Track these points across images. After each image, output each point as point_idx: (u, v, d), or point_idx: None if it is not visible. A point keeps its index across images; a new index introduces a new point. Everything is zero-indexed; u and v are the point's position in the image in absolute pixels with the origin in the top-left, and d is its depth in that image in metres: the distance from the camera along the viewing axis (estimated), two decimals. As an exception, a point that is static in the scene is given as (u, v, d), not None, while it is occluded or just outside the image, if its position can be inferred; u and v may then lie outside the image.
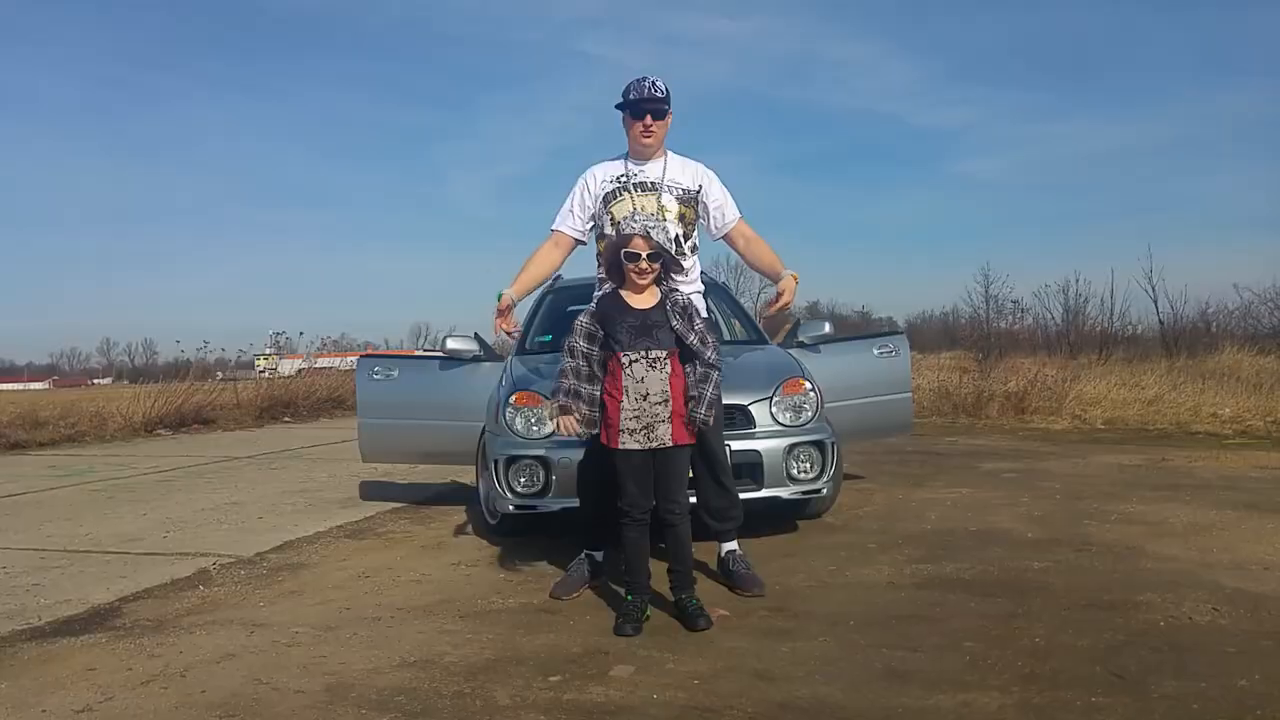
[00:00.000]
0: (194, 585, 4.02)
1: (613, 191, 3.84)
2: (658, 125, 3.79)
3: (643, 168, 3.85)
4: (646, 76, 3.78)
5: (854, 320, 42.00)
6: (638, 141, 3.81)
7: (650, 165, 3.85)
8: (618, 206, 3.79)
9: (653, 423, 3.20)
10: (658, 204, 3.78)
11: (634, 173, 3.84)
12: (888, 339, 5.76)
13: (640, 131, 3.78)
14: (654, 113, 3.76)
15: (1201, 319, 20.86)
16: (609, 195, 3.84)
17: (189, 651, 3.09)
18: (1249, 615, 3.11)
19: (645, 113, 3.75)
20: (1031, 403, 10.78)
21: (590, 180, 3.92)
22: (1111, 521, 4.72)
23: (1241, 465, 6.67)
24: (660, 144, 3.85)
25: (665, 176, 3.84)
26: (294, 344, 19.73)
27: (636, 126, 3.78)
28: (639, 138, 3.80)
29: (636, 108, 3.75)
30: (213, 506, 6.14)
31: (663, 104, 3.77)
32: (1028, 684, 2.56)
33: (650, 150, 3.83)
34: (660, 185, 3.82)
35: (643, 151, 3.84)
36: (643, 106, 3.75)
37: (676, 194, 3.84)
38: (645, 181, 3.83)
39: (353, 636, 3.21)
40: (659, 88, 3.75)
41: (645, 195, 3.81)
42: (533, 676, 2.75)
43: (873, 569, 3.90)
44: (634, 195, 3.80)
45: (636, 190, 3.81)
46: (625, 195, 3.81)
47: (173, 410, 12.84)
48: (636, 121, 3.77)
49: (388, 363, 5.63)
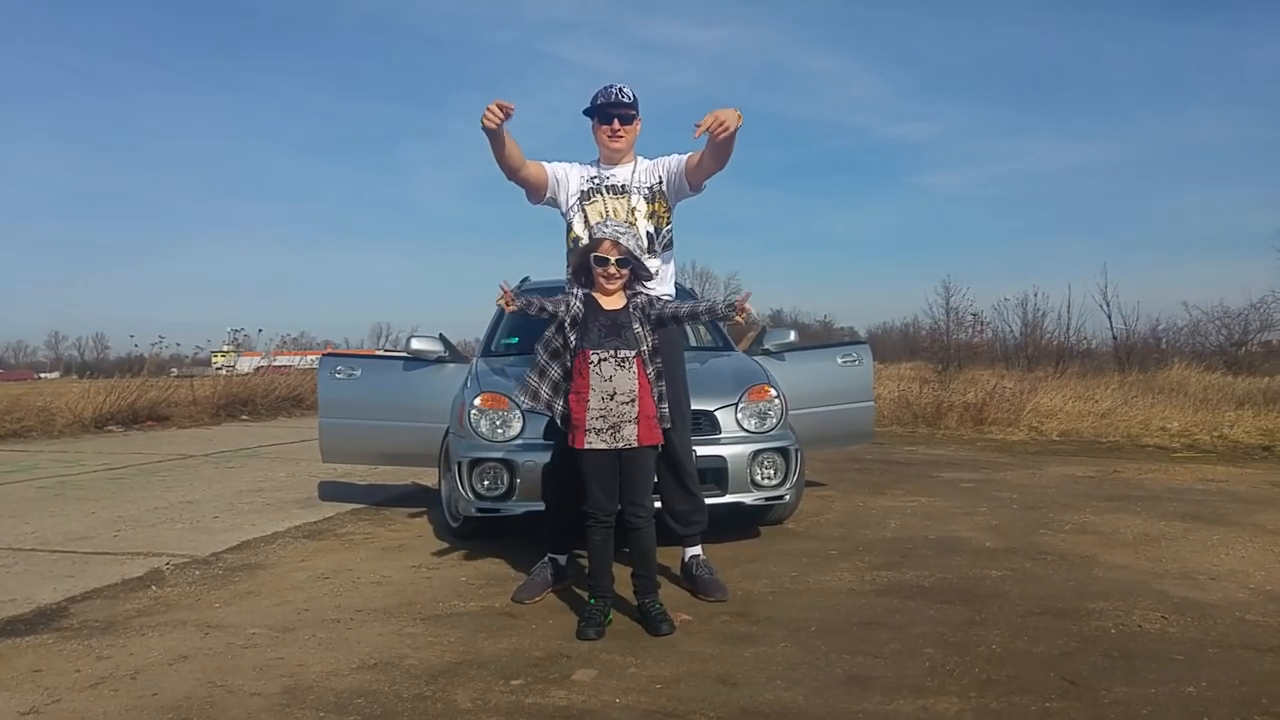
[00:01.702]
0: (146, 585, 3.94)
1: (588, 191, 3.84)
2: (626, 130, 3.81)
3: (613, 171, 3.86)
4: (614, 83, 3.81)
5: (816, 329, 42.37)
6: (606, 146, 3.83)
7: (620, 169, 3.86)
8: (591, 207, 3.81)
9: (619, 422, 3.21)
10: (628, 206, 3.80)
11: (606, 176, 3.86)
12: (851, 348, 5.81)
13: (609, 135, 3.80)
14: (621, 117, 3.79)
15: (1153, 335, 21.40)
16: (585, 194, 3.84)
17: (140, 653, 3.03)
18: (1196, 624, 3.19)
19: (612, 117, 3.78)
20: (989, 414, 10.95)
21: (574, 167, 3.91)
22: (1066, 531, 4.81)
23: (1188, 478, 6.83)
24: (629, 149, 3.87)
25: (633, 179, 3.86)
26: (253, 341, 19.43)
27: (604, 131, 3.80)
28: (607, 142, 3.81)
29: (604, 112, 3.78)
30: (166, 505, 6.02)
31: (630, 109, 3.80)
32: (985, 690, 2.60)
33: (619, 155, 3.85)
34: (629, 188, 3.84)
35: (612, 156, 3.85)
36: (609, 111, 3.77)
37: (644, 193, 3.86)
38: (616, 184, 3.84)
39: (311, 638, 3.16)
40: (626, 93, 3.78)
41: (617, 198, 3.82)
42: (494, 680, 2.74)
43: (834, 575, 3.94)
44: (606, 198, 3.82)
45: (608, 193, 3.83)
46: (599, 197, 3.83)
47: (125, 406, 12.55)
48: (604, 126, 3.79)
49: (350, 362, 5.57)
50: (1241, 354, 20.01)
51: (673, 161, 3.87)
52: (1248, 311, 20.50)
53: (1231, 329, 20.67)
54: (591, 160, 3.93)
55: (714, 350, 5.50)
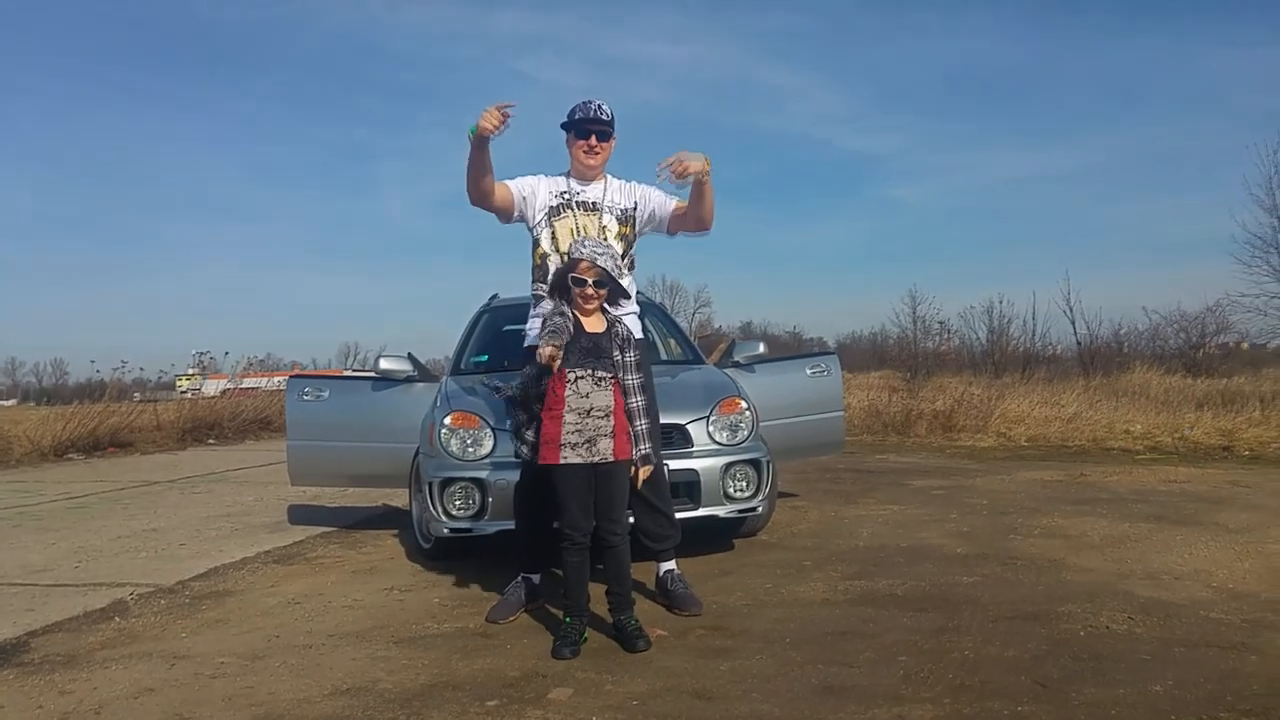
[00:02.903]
0: (109, 617, 3.86)
1: (557, 207, 3.83)
2: (602, 146, 3.81)
3: (585, 188, 3.86)
4: (591, 99, 3.80)
5: (786, 340, 42.59)
6: (581, 162, 3.82)
7: (592, 186, 3.86)
8: (561, 224, 3.80)
9: (595, 436, 3.20)
10: (599, 225, 3.80)
11: (576, 191, 3.85)
12: (820, 359, 5.85)
13: (584, 151, 3.79)
14: (598, 134, 3.79)
15: (1115, 340, 21.80)
16: (554, 210, 3.83)
17: (104, 687, 2.96)
18: (1161, 623, 3.24)
19: (590, 133, 3.78)
20: (958, 421, 11.07)
21: (541, 181, 3.87)
22: (1035, 536, 4.86)
23: (1151, 480, 6.94)
24: (603, 166, 3.87)
25: (605, 198, 3.87)
26: (219, 364, 19.18)
27: (580, 146, 3.79)
28: (583, 158, 3.80)
29: (581, 128, 3.78)
30: (130, 534, 5.91)
31: (607, 126, 3.80)
32: (958, 695, 2.62)
33: (594, 171, 3.85)
34: (601, 206, 3.84)
35: (586, 172, 3.85)
36: (587, 127, 3.77)
37: (616, 214, 3.87)
38: (588, 201, 3.84)
39: (281, 665, 3.12)
40: (604, 110, 3.79)
41: (588, 215, 3.82)
42: (469, 702, 2.71)
43: (808, 586, 3.95)
44: (577, 214, 3.81)
45: (579, 209, 3.82)
46: (569, 213, 3.81)
47: (86, 433, 12.34)
48: (581, 141, 3.79)
49: (318, 383, 5.52)
50: (1200, 356, 20.41)
51: (655, 198, 3.89)
52: (1204, 315, 20.95)
53: (1190, 332, 21.11)
54: (561, 172, 3.92)
55: (684, 364, 5.51)
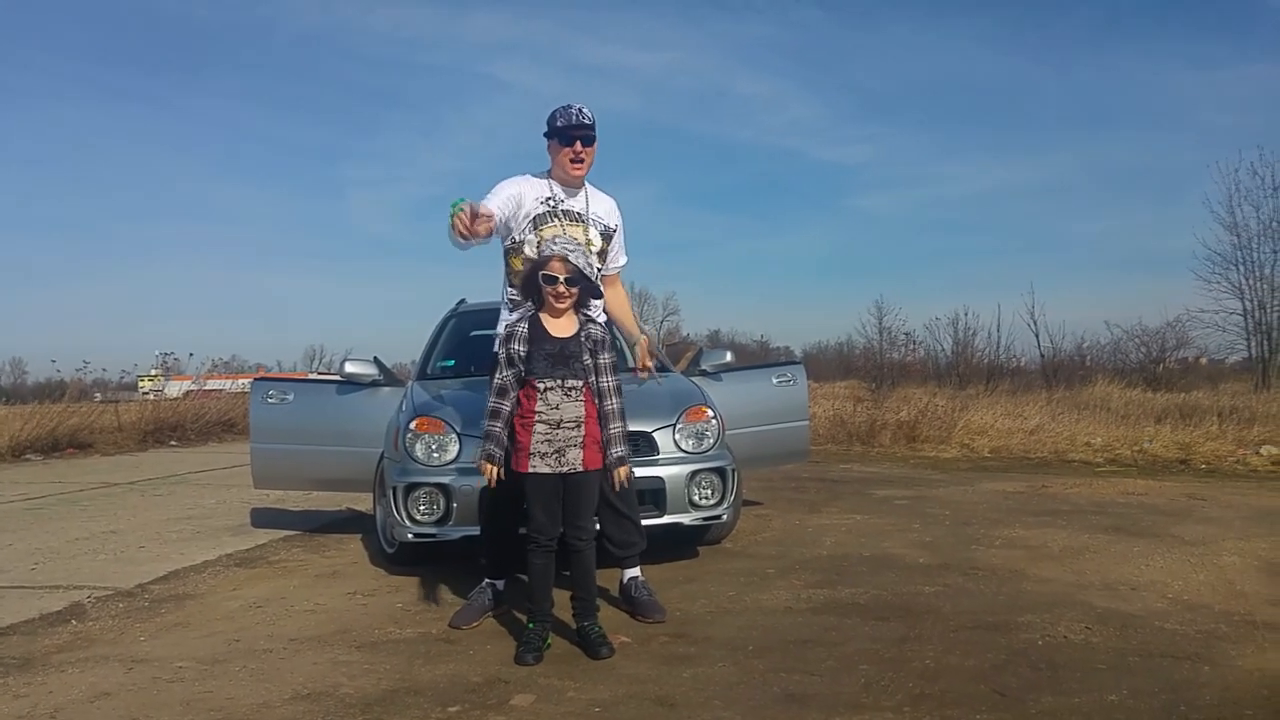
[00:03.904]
0: (66, 620, 3.80)
1: (543, 215, 3.76)
2: (587, 152, 3.73)
3: (569, 196, 3.80)
4: (572, 104, 3.72)
5: (753, 349, 42.74)
6: (566, 170, 3.74)
7: (576, 196, 3.81)
8: (547, 231, 3.73)
9: (564, 447, 3.20)
10: (585, 236, 3.76)
11: (560, 199, 3.80)
12: (786, 368, 5.89)
13: (570, 158, 3.71)
14: (583, 139, 3.71)
15: (1078, 353, 22.11)
16: (539, 218, 3.75)
17: (59, 691, 2.92)
18: (1118, 634, 3.30)
19: (575, 139, 3.69)
20: (922, 431, 11.17)
21: (524, 187, 3.77)
22: (996, 546, 4.93)
23: (1111, 492, 7.06)
24: (587, 172, 3.80)
25: (590, 209, 3.84)
26: (183, 365, 18.92)
27: (566, 154, 3.70)
28: (569, 166, 3.72)
29: (565, 135, 3.69)
30: (88, 536, 5.82)
31: (591, 130, 3.72)
32: (919, 704, 2.65)
33: (580, 178, 3.78)
34: (586, 217, 3.81)
35: (571, 180, 3.78)
36: (572, 133, 3.68)
37: (600, 229, 3.84)
38: (573, 211, 3.79)
39: (241, 670, 3.09)
40: (585, 114, 3.70)
41: (574, 225, 3.77)
42: (431, 707, 2.70)
43: (771, 594, 3.98)
44: (563, 223, 3.75)
45: (564, 218, 3.77)
46: (555, 221, 3.75)
47: (45, 433, 12.11)
48: (566, 148, 3.70)
49: (283, 386, 5.46)
50: (1160, 371, 20.75)
51: (617, 241, 3.96)
52: (1165, 330, 21.34)
53: (1150, 347, 21.47)
54: (541, 172, 3.84)
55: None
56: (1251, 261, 20.02)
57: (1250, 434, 9.91)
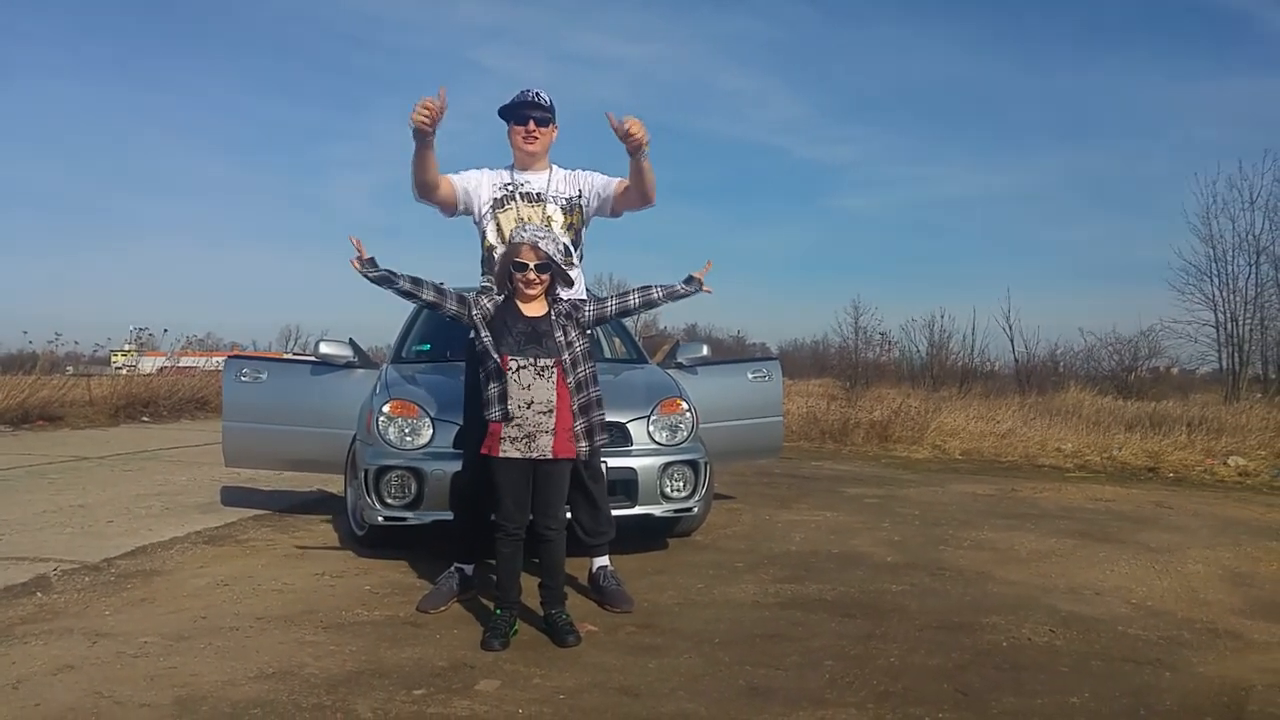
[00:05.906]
0: (30, 592, 3.76)
1: (501, 199, 3.79)
2: (541, 132, 3.77)
3: (529, 178, 3.82)
4: (530, 88, 3.77)
5: (729, 345, 42.79)
6: (520, 148, 3.79)
7: (535, 176, 3.83)
8: (504, 215, 3.76)
9: (535, 432, 3.20)
10: (543, 215, 3.78)
11: (520, 182, 3.82)
12: (761, 364, 5.91)
13: (523, 137, 3.75)
14: (537, 119, 3.75)
15: (1051, 359, 22.34)
16: (498, 202, 3.79)
17: (22, 662, 2.89)
18: (1081, 637, 3.34)
19: (528, 118, 3.74)
20: (895, 432, 11.24)
21: (485, 174, 3.84)
22: (964, 548, 4.98)
23: (1079, 497, 7.14)
24: (544, 152, 3.82)
25: (550, 188, 3.84)
26: (157, 341, 18.69)
27: (519, 132, 3.76)
28: (522, 144, 3.77)
29: (518, 113, 3.74)
30: (55, 509, 5.75)
31: (546, 112, 3.76)
32: (882, 701, 2.68)
33: (533, 159, 3.80)
34: (545, 196, 3.82)
35: (526, 160, 3.81)
36: (524, 112, 3.73)
37: (561, 204, 3.84)
38: (531, 192, 3.81)
39: (207, 647, 3.07)
40: (542, 97, 3.76)
41: (532, 206, 3.79)
42: (395, 690, 2.70)
43: (739, 588, 4.00)
44: (520, 205, 3.78)
45: (523, 200, 3.79)
46: (513, 205, 3.78)
47: (14, 405, 11.92)
48: (519, 127, 3.75)
49: (257, 365, 5.42)
50: (1131, 379, 20.98)
51: (598, 180, 3.85)
52: (1138, 339, 21.57)
53: (1123, 355, 21.70)
54: (506, 165, 3.88)
55: (627, 363, 5.54)
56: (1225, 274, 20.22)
57: (1219, 444, 10.03)
